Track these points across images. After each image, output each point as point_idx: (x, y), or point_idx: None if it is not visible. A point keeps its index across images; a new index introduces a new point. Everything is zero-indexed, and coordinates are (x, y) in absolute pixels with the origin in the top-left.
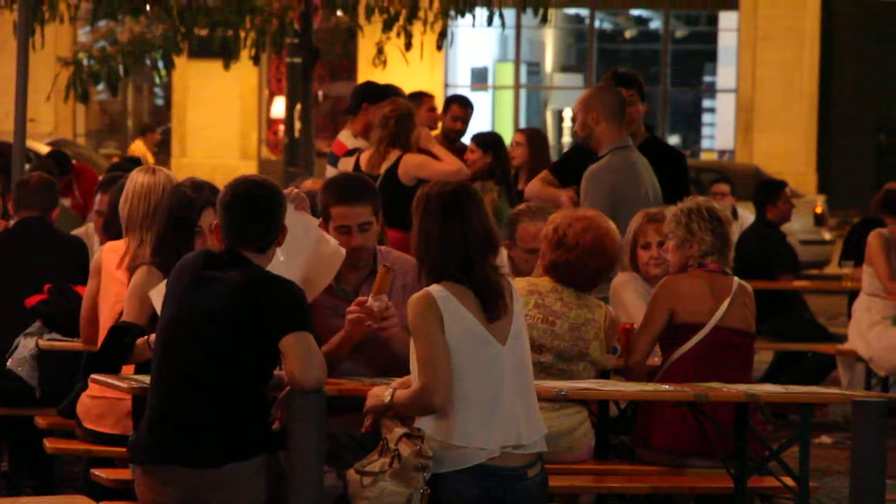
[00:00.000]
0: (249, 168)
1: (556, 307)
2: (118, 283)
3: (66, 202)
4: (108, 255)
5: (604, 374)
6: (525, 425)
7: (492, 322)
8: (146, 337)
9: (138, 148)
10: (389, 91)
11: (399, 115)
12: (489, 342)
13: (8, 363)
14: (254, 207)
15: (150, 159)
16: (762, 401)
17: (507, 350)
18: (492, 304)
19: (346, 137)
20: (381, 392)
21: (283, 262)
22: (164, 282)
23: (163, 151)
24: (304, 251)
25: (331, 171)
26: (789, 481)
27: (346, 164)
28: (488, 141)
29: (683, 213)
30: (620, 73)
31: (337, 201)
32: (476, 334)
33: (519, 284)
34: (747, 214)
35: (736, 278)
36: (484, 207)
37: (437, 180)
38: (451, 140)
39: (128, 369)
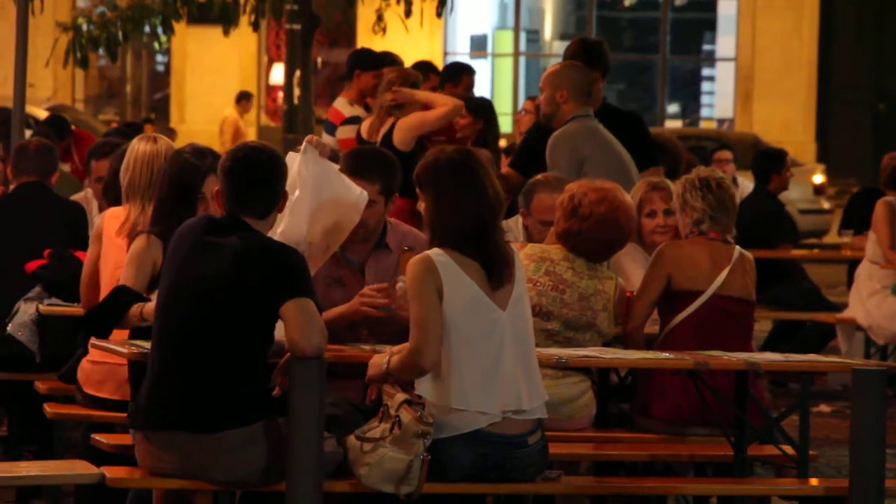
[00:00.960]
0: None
1: (567, 276)
2: (118, 249)
3: (66, 167)
4: (110, 222)
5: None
6: (526, 391)
7: (495, 290)
8: (141, 305)
9: (231, 115)
10: (386, 59)
11: (403, 83)
12: (489, 307)
13: (8, 328)
14: (254, 173)
15: (242, 128)
16: (762, 369)
17: (507, 316)
18: (498, 272)
19: (341, 105)
20: (382, 360)
21: (297, 209)
22: None
23: (161, 118)
24: (323, 197)
25: (327, 139)
26: (789, 450)
27: (348, 133)
28: (479, 107)
29: (681, 184)
30: (588, 45)
31: (346, 172)
32: (476, 299)
33: (530, 251)
34: (747, 183)
35: (737, 247)
36: (491, 171)
37: (438, 147)
38: None
39: (122, 335)
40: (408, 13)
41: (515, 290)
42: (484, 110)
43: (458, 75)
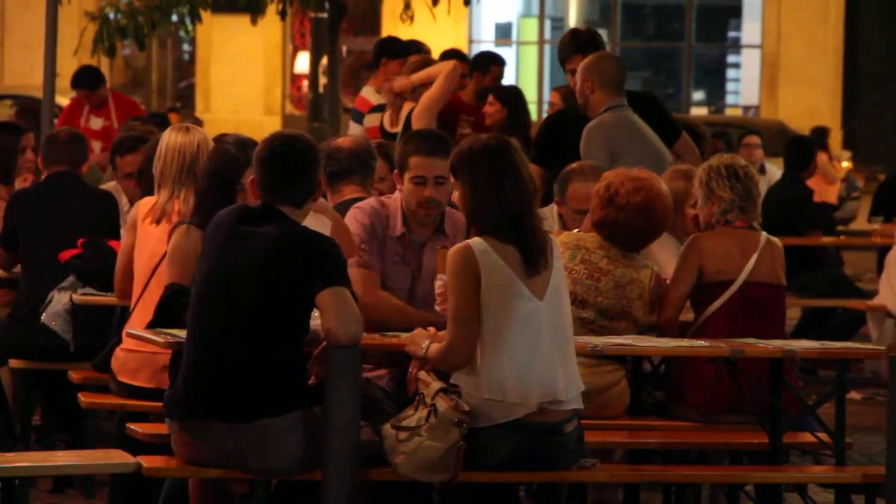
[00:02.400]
0: (273, 123)
1: (602, 264)
2: (152, 237)
3: (99, 121)
4: (144, 211)
5: None
6: (562, 381)
7: (531, 277)
8: None
9: None
10: (412, 47)
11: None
12: (527, 297)
13: (42, 317)
14: (291, 162)
15: None
16: (798, 356)
17: (545, 305)
18: (534, 259)
19: (369, 93)
20: (421, 341)
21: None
22: None
23: (186, 107)
24: None
25: (354, 128)
26: (825, 437)
27: (375, 120)
28: (505, 95)
29: (705, 172)
30: (578, 36)
31: (416, 152)
32: (514, 289)
33: (566, 239)
34: (775, 170)
35: (764, 233)
36: (525, 157)
37: (473, 136)
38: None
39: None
40: (435, 1)
41: (553, 279)
42: (510, 98)
43: (487, 65)
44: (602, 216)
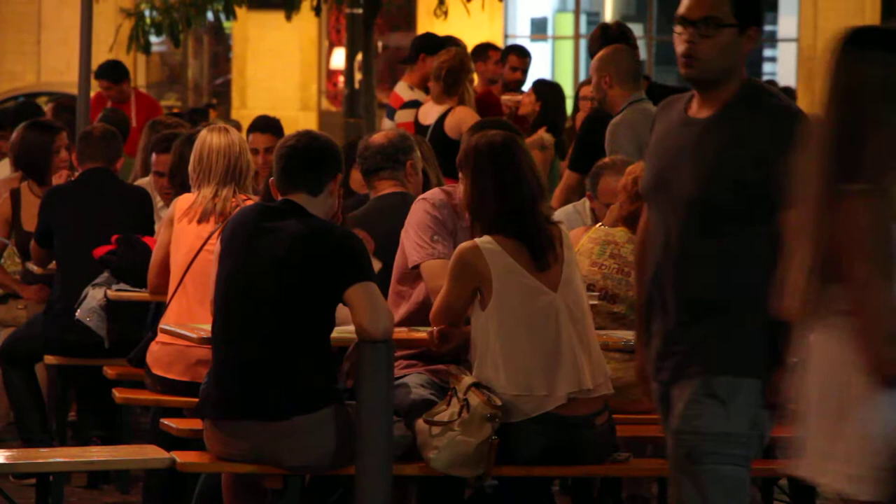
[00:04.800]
0: (309, 119)
1: (632, 258)
2: (192, 234)
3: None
4: (182, 207)
5: None
6: (588, 370)
7: (543, 271)
8: None
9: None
10: (449, 43)
11: (451, 65)
12: (540, 291)
13: (77, 314)
14: (302, 151)
15: None
16: None
17: (559, 297)
18: (542, 254)
19: (402, 89)
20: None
21: None
22: None
23: (222, 103)
24: None
25: (387, 124)
26: None
27: (406, 116)
28: (544, 89)
29: None
30: (608, 30)
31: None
32: (526, 284)
33: (595, 234)
34: None
35: None
36: (531, 154)
37: (481, 132)
38: (511, 90)
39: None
40: None
41: (565, 270)
42: (545, 92)
43: (504, 55)
44: (632, 210)
